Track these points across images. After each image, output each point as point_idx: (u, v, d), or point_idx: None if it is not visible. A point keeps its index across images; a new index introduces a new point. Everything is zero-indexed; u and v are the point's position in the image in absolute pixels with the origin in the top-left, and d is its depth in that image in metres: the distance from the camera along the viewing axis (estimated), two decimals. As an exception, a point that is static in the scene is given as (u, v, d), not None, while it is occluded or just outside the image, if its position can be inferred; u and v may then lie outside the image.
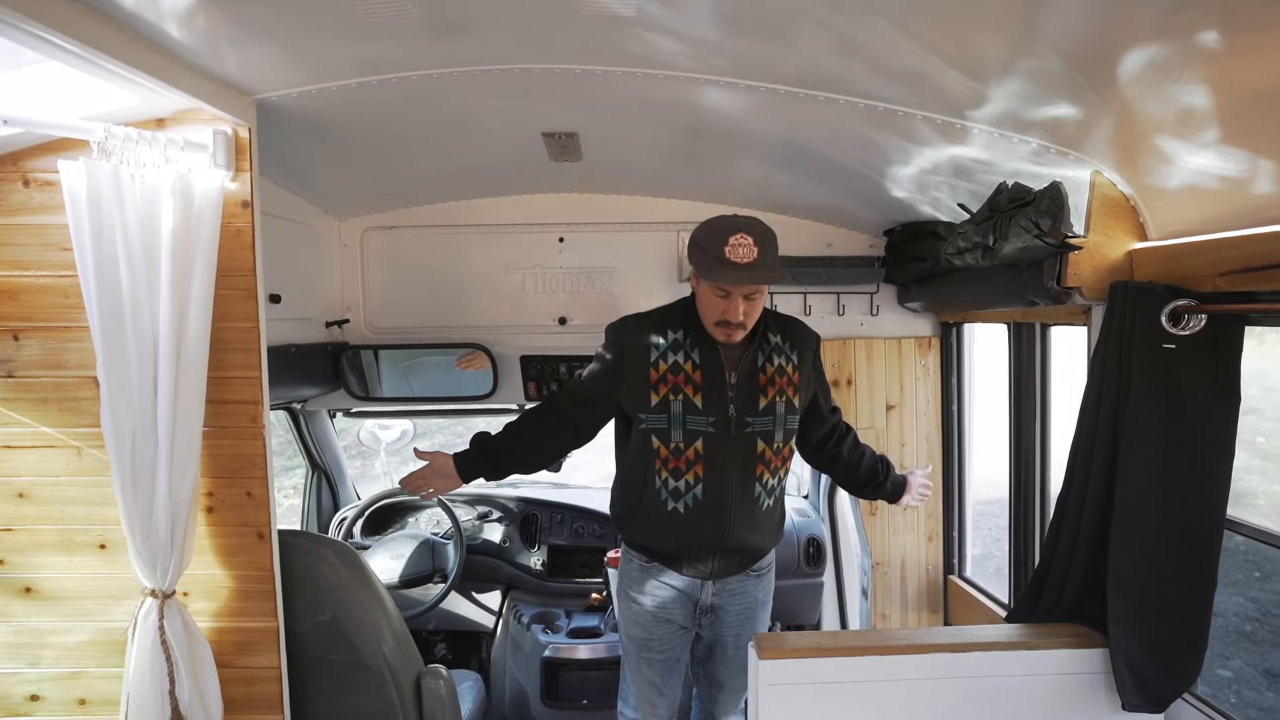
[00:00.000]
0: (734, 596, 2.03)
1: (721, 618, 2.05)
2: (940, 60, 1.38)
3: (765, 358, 1.91)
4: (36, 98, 1.42)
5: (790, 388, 1.92)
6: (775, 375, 1.90)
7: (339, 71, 1.60)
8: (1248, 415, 7.67)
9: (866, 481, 2.15)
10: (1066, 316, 1.96)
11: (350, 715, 1.82)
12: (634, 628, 2.07)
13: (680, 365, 1.87)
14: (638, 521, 1.97)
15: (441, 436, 10.86)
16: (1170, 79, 1.21)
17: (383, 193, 2.63)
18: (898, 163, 1.96)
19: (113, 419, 1.46)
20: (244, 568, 1.66)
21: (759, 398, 1.88)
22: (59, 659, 1.66)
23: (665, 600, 2.01)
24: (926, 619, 2.82)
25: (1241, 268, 1.32)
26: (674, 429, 1.85)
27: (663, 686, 2.10)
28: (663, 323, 1.92)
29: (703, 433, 1.86)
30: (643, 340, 1.90)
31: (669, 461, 1.88)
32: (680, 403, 1.85)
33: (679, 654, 2.10)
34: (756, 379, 1.89)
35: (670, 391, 1.85)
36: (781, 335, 1.95)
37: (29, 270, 1.59)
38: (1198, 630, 1.54)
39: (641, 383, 1.87)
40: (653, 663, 2.07)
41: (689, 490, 1.88)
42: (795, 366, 1.94)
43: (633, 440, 1.93)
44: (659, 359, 1.87)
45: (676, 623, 2.03)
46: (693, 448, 1.86)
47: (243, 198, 1.60)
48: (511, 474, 2.07)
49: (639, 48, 1.49)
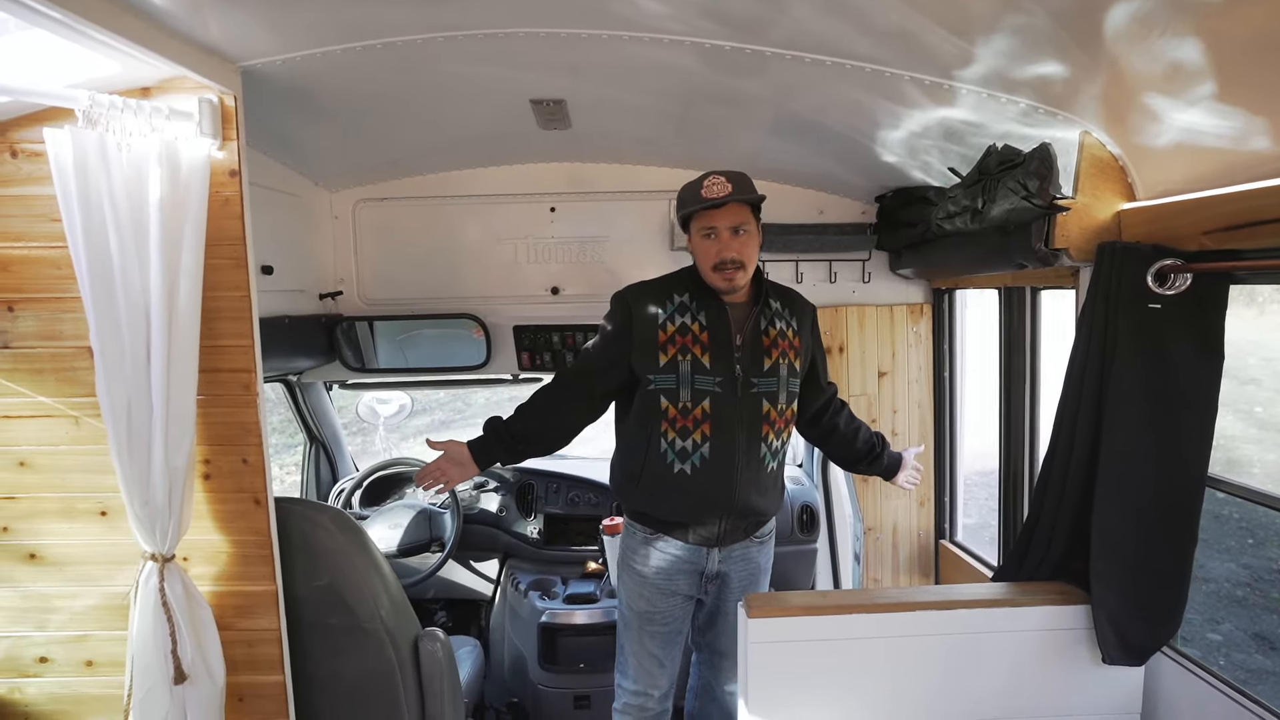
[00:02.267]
0: (739, 563, 2.04)
1: (727, 584, 2.05)
2: (927, 18, 1.37)
3: (768, 321, 1.95)
4: (21, 67, 1.42)
5: (791, 351, 1.96)
6: (778, 338, 1.94)
7: (324, 37, 1.59)
8: (1246, 385, 7.64)
9: (863, 455, 2.17)
10: (1055, 279, 1.97)
11: (349, 677, 1.87)
12: (637, 600, 2.06)
13: (688, 326, 1.90)
14: (642, 487, 1.97)
15: (441, 413, 10.92)
16: (1157, 33, 1.20)
17: (374, 164, 2.62)
18: (887, 126, 1.95)
19: (108, 388, 1.48)
20: (242, 533, 1.69)
21: (764, 358, 1.92)
22: (65, 622, 1.70)
23: (669, 571, 2.00)
24: (918, 583, 2.87)
25: (1225, 225, 1.33)
26: (682, 388, 1.88)
27: (664, 658, 2.09)
28: (668, 288, 1.96)
29: (710, 392, 1.88)
30: (650, 304, 1.93)
31: (676, 421, 1.90)
32: (689, 363, 1.88)
33: (681, 625, 2.10)
34: (761, 340, 1.93)
35: (679, 352, 1.89)
36: (781, 302, 2.01)
37: (20, 242, 1.59)
38: (1177, 586, 1.57)
39: (650, 344, 1.90)
40: (655, 635, 2.06)
41: (696, 450, 1.90)
42: (795, 332, 1.98)
43: (639, 404, 1.95)
44: (666, 320, 1.91)
45: (681, 594, 2.03)
46: (700, 407, 1.88)
47: (230, 167, 1.60)
48: (528, 455, 2.06)
49: (625, 10, 1.48)
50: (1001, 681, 1.68)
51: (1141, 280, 1.49)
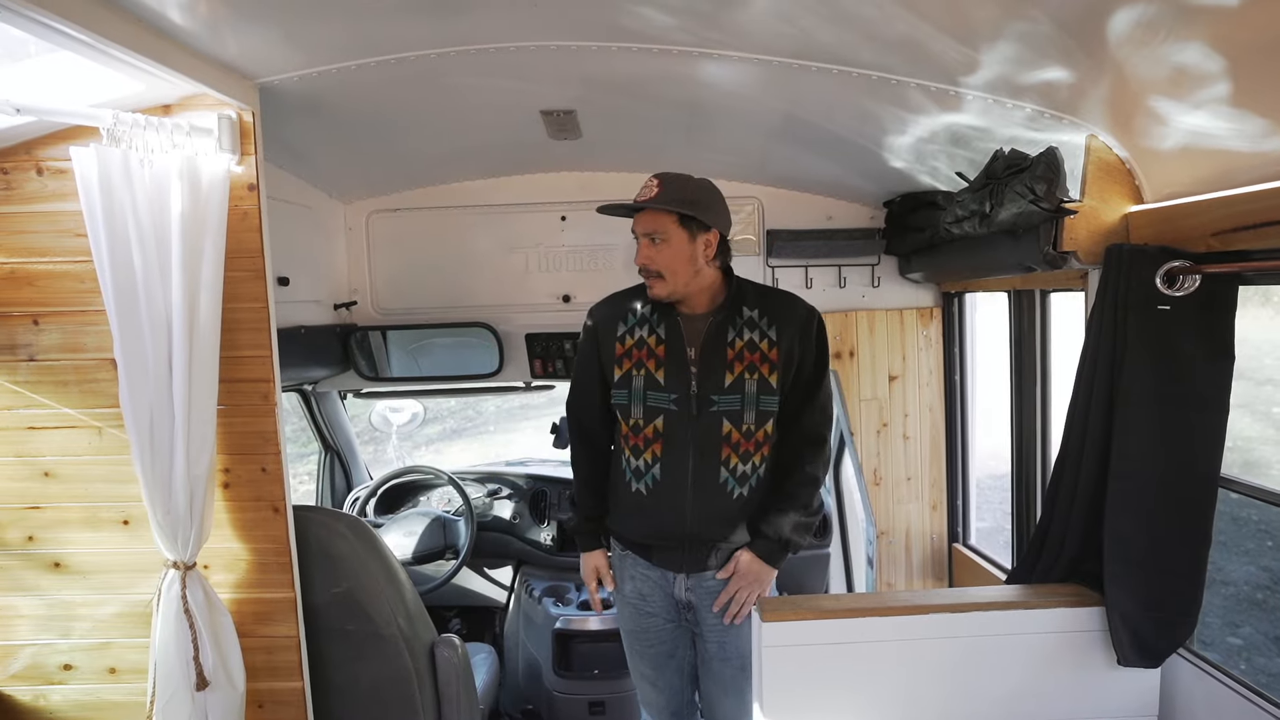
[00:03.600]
0: (709, 596, 1.87)
1: (701, 620, 1.91)
2: (932, 26, 1.39)
3: (735, 332, 1.80)
4: (46, 87, 1.46)
5: (765, 365, 1.79)
6: (745, 350, 1.79)
7: (339, 54, 1.62)
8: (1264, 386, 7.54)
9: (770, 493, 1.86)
10: (1064, 281, 1.97)
11: (367, 683, 1.89)
12: (622, 617, 2.02)
13: (645, 339, 1.83)
14: (611, 503, 1.94)
15: (453, 421, 10.97)
16: (1161, 37, 1.21)
17: (386, 175, 2.66)
18: (895, 133, 1.97)
19: (131, 399, 1.51)
20: (261, 541, 1.72)
21: (724, 374, 1.78)
22: (89, 630, 1.73)
23: (643, 591, 1.94)
24: (931, 586, 2.85)
25: (1233, 226, 1.33)
26: (634, 404, 1.81)
27: (655, 679, 2.02)
28: (632, 298, 1.90)
29: (664, 410, 1.79)
30: (612, 316, 1.89)
31: (629, 438, 1.84)
32: (642, 377, 1.81)
33: (673, 648, 1.99)
34: (722, 354, 1.79)
35: (633, 366, 1.82)
36: (760, 310, 1.83)
37: (46, 257, 1.63)
38: (1193, 587, 1.56)
39: (610, 358, 1.85)
40: (644, 655, 2.01)
41: (648, 470, 1.82)
42: (773, 343, 1.80)
43: (612, 421, 1.92)
44: (625, 334, 1.85)
45: (659, 615, 1.94)
46: (652, 425, 1.80)
47: (249, 181, 1.63)
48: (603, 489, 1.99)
49: (633, 23, 1.51)
50: (1016, 684, 1.67)
51: (1150, 282, 1.49)
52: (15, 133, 1.57)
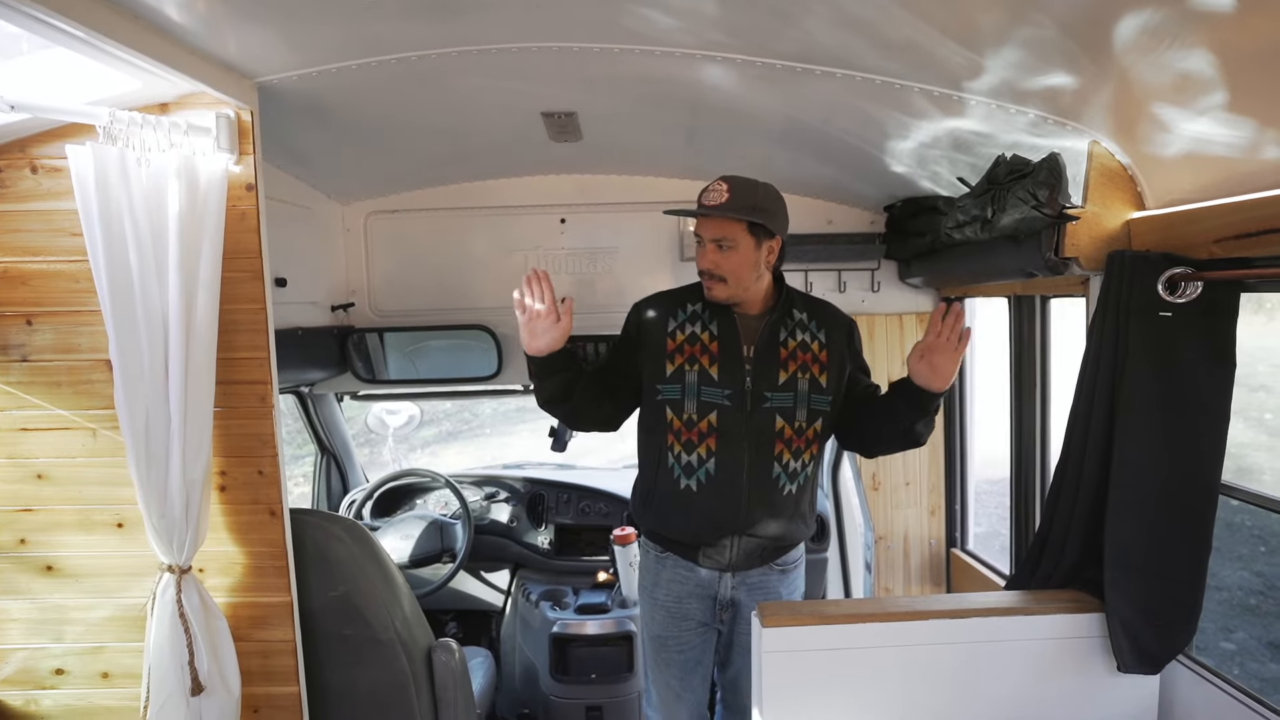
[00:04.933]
0: (755, 591, 1.91)
1: (741, 614, 1.93)
2: (937, 31, 1.39)
3: (788, 332, 1.85)
4: (42, 84, 1.44)
5: (816, 365, 1.84)
6: (798, 350, 1.84)
7: (338, 53, 1.61)
8: (1257, 392, 7.61)
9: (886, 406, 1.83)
10: (1065, 288, 1.97)
11: (364, 687, 1.87)
12: (652, 624, 1.98)
13: (697, 336, 1.84)
14: (653, 504, 1.90)
15: (449, 424, 10.94)
16: (1166, 44, 1.21)
17: (385, 176, 2.65)
18: (897, 137, 1.97)
19: (126, 400, 1.49)
20: (257, 544, 1.70)
21: (778, 372, 1.82)
22: (82, 634, 1.71)
23: (681, 594, 1.92)
24: (929, 592, 2.85)
25: (1236, 234, 1.33)
26: (688, 399, 1.81)
27: (682, 690, 1.99)
28: (683, 296, 1.91)
29: (717, 405, 1.80)
30: (661, 312, 1.89)
31: (682, 434, 1.82)
32: (695, 373, 1.81)
33: (700, 655, 1.98)
34: (776, 352, 1.83)
35: (686, 362, 1.82)
36: (809, 313, 1.89)
37: (40, 256, 1.61)
38: (1193, 594, 1.56)
39: (659, 352, 1.85)
40: (671, 664, 1.97)
41: (701, 465, 1.82)
42: (823, 345, 1.85)
43: (648, 415, 1.90)
44: (676, 329, 1.85)
45: (695, 619, 1.93)
46: (706, 420, 1.81)
47: (247, 181, 1.62)
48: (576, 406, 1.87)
49: (636, 24, 1.50)
50: (1015, 690, 1.67)
51: (1152, 288, 1.49)
52: (10, 130, 1.55)
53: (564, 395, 1.85)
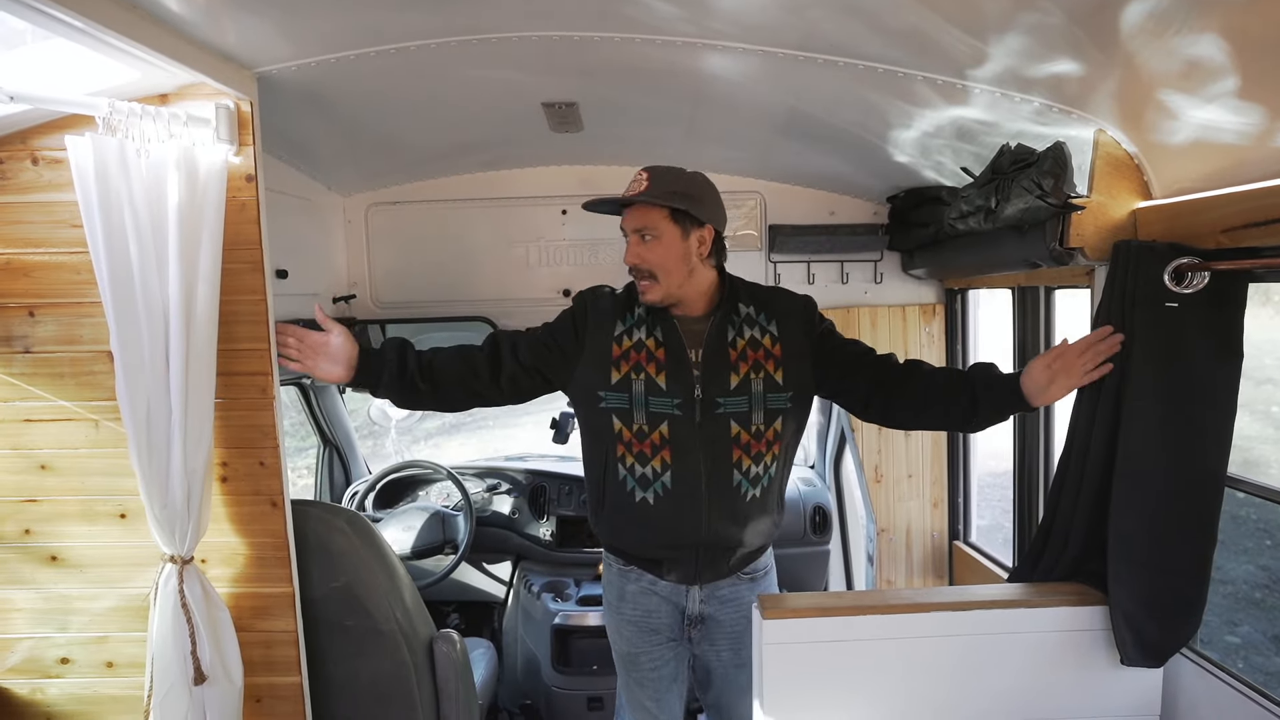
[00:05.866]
0: (726, 604, 1.82)
1: (713, 630, 1.84)
2: (940, 17, 1.37)
3: (735, 331, 1.74)
4: (41, 75, 1.44)
5: (770, 362, 1.73)
6: (748, 349, 1.73)
7: (338, 43, 1.60)
8: (1263, 385, 7.56)
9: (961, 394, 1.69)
10: (1070, 279, 1.95)
11: (366, 678, 1.88)
12: (619, 641, 1.90)
13: (643, 343, 1.73)
14: (605, 516, 1.81)
15: (451, 415, 10.94)
16: (1174, 30, 1.20)
17: (386, 168, 2.64)
18: (900, 127, 1.95)
19: (128, 392, 1.49)
20: (259, 535, 1.70)
21: (729, 375, 1.71)
22: (86, 624, 1.72)
23: (648, 608, 1.83)
24: (932, 584, 2.85)
25: (1244, 223, 1.31)
26: (636, 410, 1.71)
27: (658, 712, 1.90)
28: (630, 298, 1.78)
29: (668, 415, 1.70)
30: (608, 314, 1.77)
31: (634, 445, 1.72)
32: (642, 382, 1.71)
33: (674, 671, 1.89)
34: (724, 355, 1.72)
35: (632, 370, 1.72)
36: (755, 306, 1.77)
37: (41, 248, 1.61)
38: (1197, 587, 1.55)
39: (603, 357, 1.73)
40: (645, 683, 1.89)
41: (657, 478, 1.72)
42: (775, 338, 1.74)
43: (590, 422, 1.79)
44: (623, 334, 1.74)
45: (664, 634, 1.85)
46: (657, 431, 1.71)
47: (246, 172, 1.61)
48: (414, 394, 1.76)
49: (637, 12, 1.49)
50: (1017, 683, 1.66)
51: (1158, 279, 1.47)
52: (10, 121, 1.54)
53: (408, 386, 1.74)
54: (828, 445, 3.24)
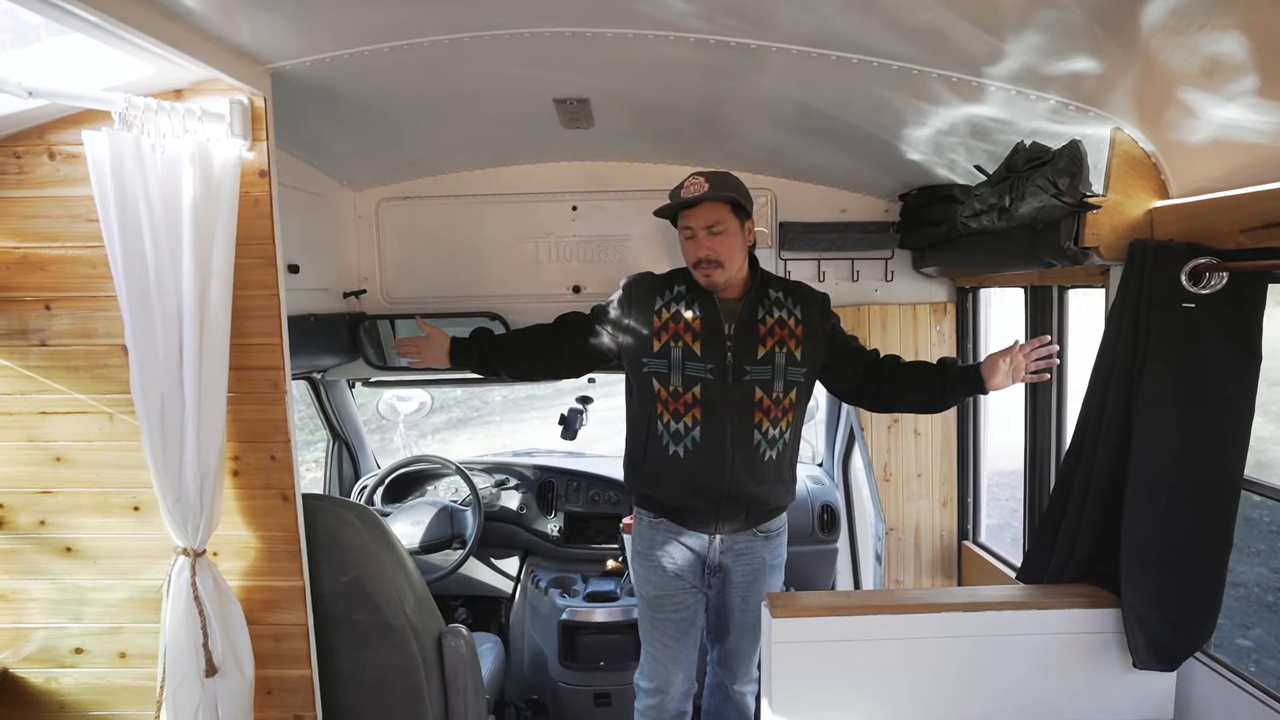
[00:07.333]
0: (741, 557, 2.08)
1: (728, 578, 2.10)
2: (956, 15, 1.36)
3: (765, 310, 2.01)
4: (58, 70, 1.44)
5: (792, 340, 2.00)
6: (775, 327, 1.99)
7: (351, 39, 1.60)
8: (1276, 386, 7.55)
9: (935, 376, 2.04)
10: (1084, 278, 1.94)
11: (375, 671, 1.89)
12: (646, 586, 2.14)
13: (682, 314, 2.00)
14: (644, 469, 2.06)
15: (459, 410, 11.01)
16: (1195, 26, 1.18)
17: (397, 163, 2.64)
18: (913, 124, 1.93)
19: (142, 385, 1.51)
20: (270, 529, 1.72)
21: (757, 347, 1.97)
22: (100, 615, 1.74)
23: (675, 555, 2.08)
24: (940, 584, 2.84)
25: (1264, 223, 1.30)
26: (673, 373, 1.97)
27: (678, 652, 2.14)
28: (670, 279, 2.08)
29: (701, 379, 1.96)
30: (650, 292, 2.05)
31: (669, 404, 1.99)
32: (680, 349, 1.98)
33: (693, 616, 2.14)
34: (755, 329, 1.98)
35: (671, 339, 1.99)
36: (784, 292, 2.05)
37: (57, 242, 1.63)
38: (1212, 591, 1.54)
39: (645, 329, 2.01)
40: (666, 624, 2.12)
41: (688, 433, 1.98)
42: (799, 321, 2.01)
43: (636, 387, 2.06)
44: (662, 308, 2.02)
45: (687, 580, 2.09)
46: (691, 392, 1.97)
47: (260, 167, 1.62)
48: (498, 370, 2.17)
49: (650, 9, 1.48)
50: (1027, 685, 1.66)
51: (1175, 279, 1.46)
52: (27, 116, 1.55)
53: (492, 368, 2.17)
54: (836, 443, 3.23)
